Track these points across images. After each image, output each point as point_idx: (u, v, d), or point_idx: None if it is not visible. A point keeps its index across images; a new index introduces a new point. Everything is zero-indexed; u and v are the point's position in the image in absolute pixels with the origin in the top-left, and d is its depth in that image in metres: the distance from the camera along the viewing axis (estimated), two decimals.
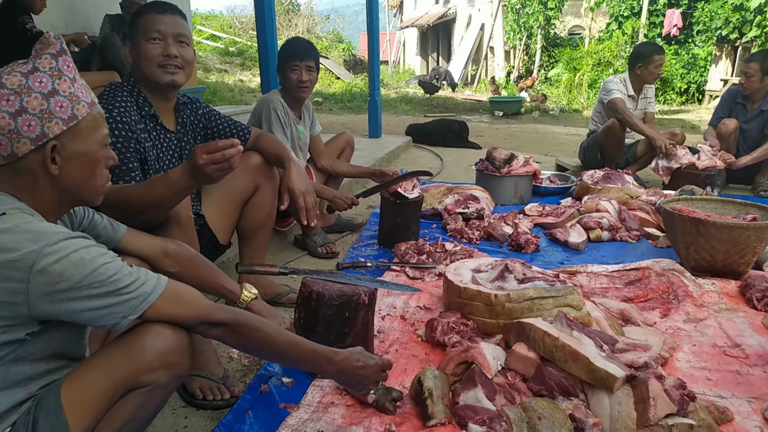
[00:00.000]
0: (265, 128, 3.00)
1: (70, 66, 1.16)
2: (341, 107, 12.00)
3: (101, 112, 1.22)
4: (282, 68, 3.10)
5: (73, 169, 1.17)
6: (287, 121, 3.10)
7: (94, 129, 1.19)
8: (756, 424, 1.69)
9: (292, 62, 3.05)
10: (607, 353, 1.70)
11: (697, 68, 14.07)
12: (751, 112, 4.55)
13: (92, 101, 1.19)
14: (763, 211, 2.95)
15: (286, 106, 3.12)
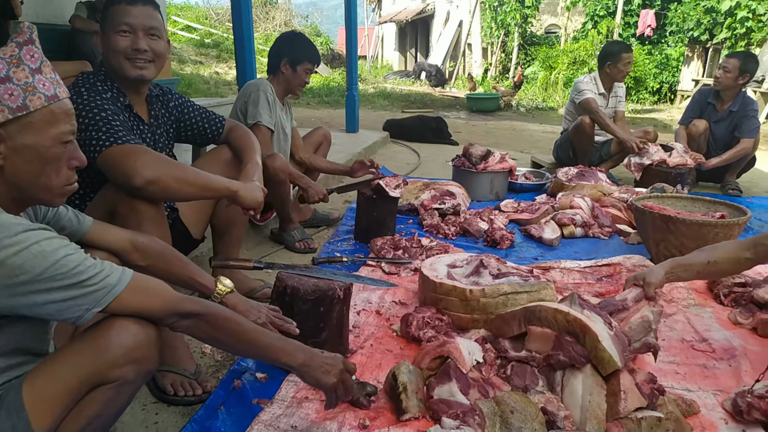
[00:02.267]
0: (251, 111, 2.94)
1: (35, 57, 1.12)
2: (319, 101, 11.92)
3: (65, 110, 1.15)
4: (293, 63, 3.07)
5: (22, 164, 1.11)
6: (274, 106, 3.07)
7: (50, 124, 1.12)
8: (720, 416, 1.74)
9: (309, 64, 3.10)
10: (615, 332, 1.71)
11: (670, 68, 14.32)
12: (721, 113, 4.65)
13: (54, 95, 1.12)
14: (731, 209, 3.02)
15: (275, 94, 3.10)
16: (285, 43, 3.14)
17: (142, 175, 1.61)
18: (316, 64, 3.13)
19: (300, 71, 3.09)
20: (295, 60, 3.07)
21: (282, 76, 3.12)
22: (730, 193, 4.60)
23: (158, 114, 2.03)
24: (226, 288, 1.64)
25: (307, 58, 3.08)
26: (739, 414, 1.71)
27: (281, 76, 3.12)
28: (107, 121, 1.68)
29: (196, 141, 2.24)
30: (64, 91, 1.16)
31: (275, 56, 3.13)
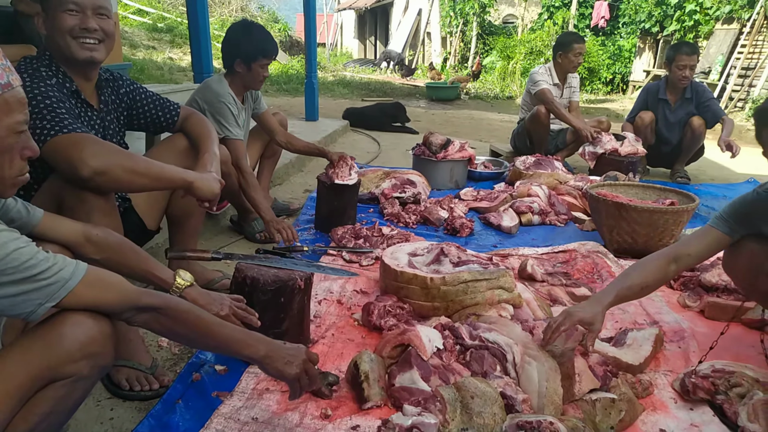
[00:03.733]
0: (217, 126, 2.83)
1: None
2: (277, 89, 11.75)
3: (19, 98, 1.10)
4: (248, 60, 2.92)
5: None
6: (237, 112, 2.98)
7: (4, 113, 1.07)
8: (670, 396, 1.81)
9: (265, 60, 2.95)
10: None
11: (622, 59, 14.70)
12: (676, 104, 4.79)
13: (7, 83, 1.07)
14: (680, 196, 3.14)
15: (234, 95, 2.99)
16: (235, 40, 2.94)
17: (89, 166, 1.54)
18: (272, 56, 2.99)
19: (255, 68, 2.94)
20: (248, 58, 2.91)
21: (238, 76, 2.99)
22: (679, 181, 4.77)
23: (108, 100, 1.95)
24: (185, 282, 1.58)
25: (262, 54, 2.92)
26: (686, 393, 1.78)
27: (237, 75, 2.99)
28: (52, 108, 1.61)
29: (149, 129, 2.17)
30: (16, 79, 1.10)
31: (227, 56, 2.97)
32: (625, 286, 1.86)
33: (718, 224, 1.90)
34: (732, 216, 1.88)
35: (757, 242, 1.85)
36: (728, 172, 5.61)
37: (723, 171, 5.64)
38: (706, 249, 1.91)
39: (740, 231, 1.87)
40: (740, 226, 1.86)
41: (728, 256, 1.94)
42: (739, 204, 1.88)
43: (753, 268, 1.86)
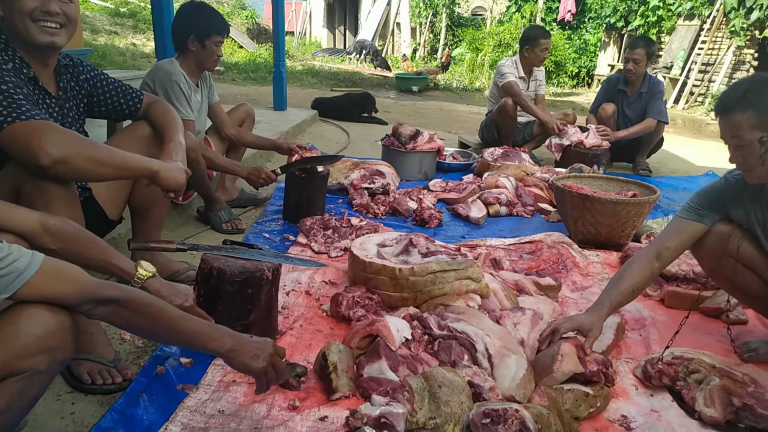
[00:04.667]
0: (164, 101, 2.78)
1: None
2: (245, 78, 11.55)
3: None
4: (201, 38, 2.88)
5: None
6: (189, 92, 2.92)
7: None
8: (632, 383, 1.86)
9: (218, 37, 2.92)
10: None
11: (588, 53, 14.94)
12: (632, 97, 4.90)
13: None
14: (642, 188, 3.21)
15: (186, 75, 2.94)
16: (187, 18, 2.92)
17: (48, 155, 1.48)
18: (225, 34, 2.97)
19: (209, 45, 2.90)
20: (201, 35, 2.87)
21: (191, 54, 2.94)
22: (641, 173, 4.88)
23: (67, 87, 1.88)
24: (147, 272, 1.53)
25: (215, 30, 2.89)
26: (648, 380, 1.84)
27: (190, 54, 2.94)
28: (9, 94, 1.54)
29: (110, 117, 2.10)
30: None
31: (180, 34, 2.93)
32: (616, 293, 1.93)
33: (690, 215, 1.96)
34: (703, 204, 1.95)
35: (723, 225, 1.92)
36: (689, 165, 5.79)
37: (684, 164, 5.81)
38: (683, 241, 1.97)
39: (712, 217, 1.93)
40: (712, 213, 1.93)
41: (696, 241, 1.99)
42: (709, 191, 1.96)
43: (718, 251, 1.93)
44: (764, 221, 1.84)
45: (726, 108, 1.70)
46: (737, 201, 1.88)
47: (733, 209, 1.90)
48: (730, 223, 1.92)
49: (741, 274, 1.92)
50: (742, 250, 1.86)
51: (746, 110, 1.64)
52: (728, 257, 1.91)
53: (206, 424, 1.50)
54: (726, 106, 1.70)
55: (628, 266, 2.01)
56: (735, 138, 1.69)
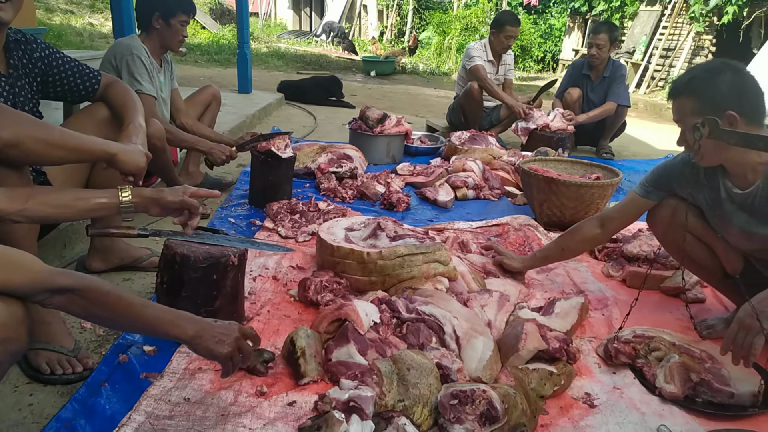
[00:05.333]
0: (126, 78, 2.69)
1: None
2: (208, 59, 11.28)
3: None
4: (166, 16, 2.81)
5: None
6: (152, 69, 2.83)
7: None
8: (595, 361, 1.90)
9: (185, 16, 2.86)
10: None
11: (553, 38, 15.08)
12: (596, 81, 4.97)
13: None
14: (605, 171, 3.27)
15: (150, 54, 2.84)
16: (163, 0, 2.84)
17: None
18: (191, 14, 2.91)
19: (175, 24, 2.84)
20: (167, 12, 2.80)
21: (155, 33, 2.86)
22: (604, 157, 4.97)
23: (18, 64, 1.79)
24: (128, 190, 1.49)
25: (181, 9, 2.83)
26: (609, 358, 1.88)
27: (154, 32, 2.86)
28: None
29: (66, 98, 2.01)
30: None
31: (145, 10, 2.85)
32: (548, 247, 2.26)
33: (638, 190, 2.10)
34: (651, 182, 2.06)
35: (674, 198, 2.01)
36: (649, 148, 5.92)
37: (645, 147, 5.94)
38: (627, 213, 2.15)
39: (658, 194, 2.04)
40: (658, 190, 2.04)
41: (650, 212, 2.10)
42: (659, 170, 2.06)
43: (669, 221, 2.03)
44: (707, 201, 1.92)
45: (674, 92, 1.77)
46: (684, 181, 1.96)
47: (679, 189, 1.99)
48: (679, 198, 2.01)
49: (691, 244, 2.02)
50: (691, 222, 1.96)
51: (690, 96, 1.71)
52: (679, 228, 1.99)
53: (171, 412, 1.47)
54: (674, 90, 1.78)
55: (575, 227, 2.25)
56: (680, 122, 1.76)
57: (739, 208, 1.81)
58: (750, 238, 1.83)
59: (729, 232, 1.89)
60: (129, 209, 1.48)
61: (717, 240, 1.98)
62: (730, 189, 1.82)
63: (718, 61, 1.75)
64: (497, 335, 1.90)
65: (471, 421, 1.43)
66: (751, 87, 1.69)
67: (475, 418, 1.43)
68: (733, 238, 1.90)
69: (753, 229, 1.79)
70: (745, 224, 1.81)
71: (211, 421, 1.45)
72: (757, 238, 1.81)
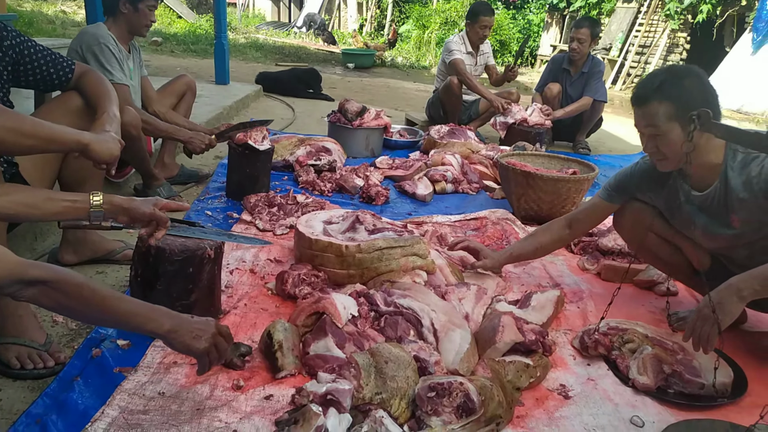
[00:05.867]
0: (95, 67, 2.63)
1: None
2: (184, 49, 11.09)
3: None
4: (134, 1, 2.76)
5: None
6: (121, 57, 2.77)
7: None
8: (570, 353, 1.93)
9: (152, 0, 2.80)
10: None
11: (531, 33, 15.20)
12: (575, 76, 5.02)
13: None
14: (582, 166, 3.31)
15: (116, 39, 2.78)
16: None
17: None
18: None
19: (143, 9, 2.78)
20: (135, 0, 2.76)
21: (123, 17, 2.80)
22: (580, 152, 5.03)
23: None
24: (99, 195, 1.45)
25: None
26: (584, 350, 1.91)
27: (121, 17, 2.80)
28: None
29: (38, 87, 1.96)
30: None
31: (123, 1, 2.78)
32: (520, 246, 2.28)
33: (602, 194, 2.13)
34: (613, 186, 2.10)
35: (639, 202, 2.06)
36: (625, 144, 6.00)
37: (620, 143, 6.02)
38: (593, 216, 2.20)
39: (619, 198, 2.09)
40: (618, 194, 2.09)
41: (616, 215, 2.16)
42: (621, 174, 2.10)
43: (634, 223, 2.08)
44: (667, 205, 1.96)
45: (642, 98, 1.75)
46: (644, 186, 2.00)
47: (639, 194, 2.04)
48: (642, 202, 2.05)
49: (657, 245, 2.07)
50: (655, 224, 1.99)
51: (662, 101, 1.71)
52: (643, 230, 2.03)
53: (146, 407, 1.45)
54: (642, 96, 1.75)
55: (544, 227, 2.30)
56: (650, 127, 1.75)
57: (699, 210, 1.85)
58: (713, 238, 1.88)
59: (693, 233, 1.93)
60: (98, 215, 1.45)
61: (683, 239, 2.02)
62: (689, 192, 1.86)
63: (678, 65, 1.78)
64: (475, 328, 1.91)
65: (448, 413, 1.44)
66: (712, 89, 1.73)
67: (452, 410, 1.44)
68: (698, 238, 1.95)
69: (714, 230, 1.84)
70: (706, 225, 1.85)
71: (186, 416, 1.43)
72: (719, 238, 1.85)
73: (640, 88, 1.78)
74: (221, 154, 3.97)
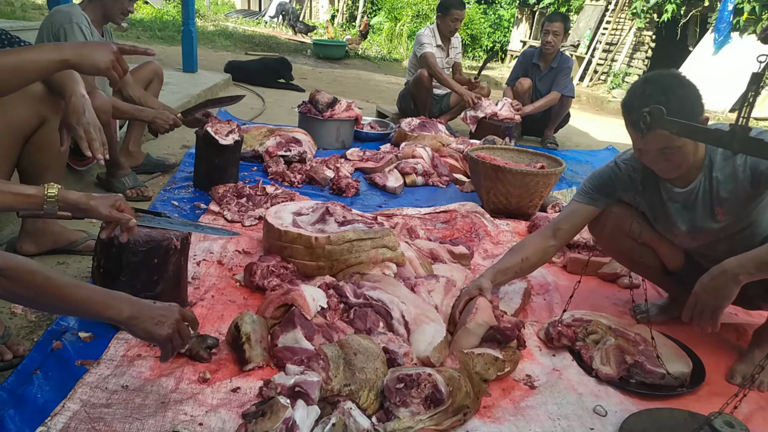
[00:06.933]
0: None
1: None
2: (151, 36, 10.83)
3: None
4: None
5: None
6: (92, 39, 2.68)
7: None
8: (536, 344, 1.96)
9: None
10: None
11: (502, 29, 15.31)
12: (544, 71, 5.08)
13: None
14: (549, 160, 3.36)
15: (90, 23, 2.69)
16: None
17: None
18: None
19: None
20: None
21: (99, 2, 2.73)
22: (548, 146, 5.10)
23: None
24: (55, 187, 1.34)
25: None
26: (550, 341, 1.94)
27: (98, 2, 2.73)
28: None
29: None
30: None
31: None
32: (505, 260, 2.07)
33: (583, 198, 2.05)
34: (594, 189, 2.02)
35: (618, 207, 2.02)
36: (591, 139, 6.12)
37: (586, 138, 6.13)
38: (576, 222, 2.07)
39: (603, 201, 2.02)
40: (603, 197, 2.01)
41: (593, 221, 2.08)
42: (601, 176, 2.02)
43: (613, 229, 2.03)
44: (649, 205, 1.95)
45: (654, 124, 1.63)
46: (627, 187, 1.95)
47: (623, 194, 1.99)
48: (624, 204, 2.01)
49: (637, 251, 2.02)
50: (636, 230, 1.91)
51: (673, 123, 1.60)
52: (624, 237, 2.00)
53: (108, 400, 1.42)
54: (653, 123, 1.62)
55: (527, 239, 2.15)
56: (666, 148, 1.69)
57: (682, 208, 1.85)
58: (695, 236, 1.88)
59: (674, 234, 1.94)
60: (52, 209, 1.34)
61: (659, 241, 2.02)
62: (670, 189, 1.85)
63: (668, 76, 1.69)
64: (444, 319, 1.92)
65: (416, 404, 1.44)
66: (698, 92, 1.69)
67: (421, 401, 1.45)
68: (679, 239, 1.95)
69: (698, 224, 1.84)
70: (689, 222, 1.86)
71: (150, 409, 1.41)
72: (702, 234, 1.85)
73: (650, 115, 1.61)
74: (188, 143, 3.89)
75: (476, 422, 1.52)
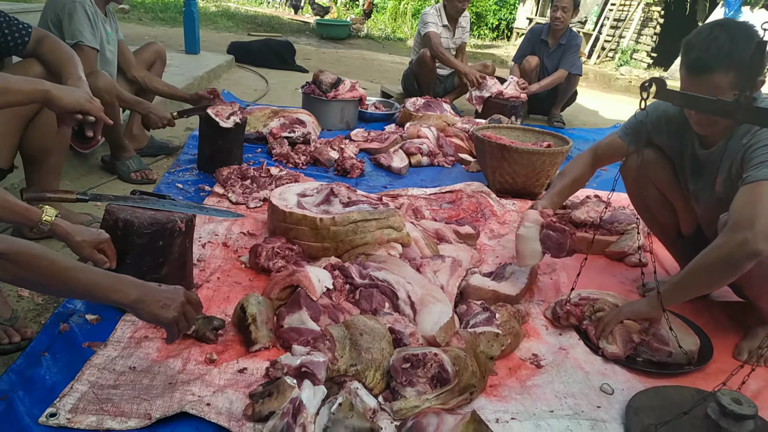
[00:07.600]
0: (68, 28, 2.50)
1: None
2: (153, 17, 10.74)
3: None
4: None
5: None
6: (95, 19, 2.65)
7: None
8: (542, 323, 1.96)
9: None
10: None
11: (508, 6, 15.09)
12: (552, 48, 5.01)
13: None
14: (556, 139, 3.32)
15: (93, 2, 2.66)
16: None
17: None
18: None
19: None
20: None
21: None
22: (555, 125, 5.05)
23: None
24: (52, 213, 1.43)
25: None
26: (557, 320, 1.94)
27: None
28: None
29: None
30: None
31: None
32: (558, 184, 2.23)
33: (620, 133, 2.10)
34: (631, 125, 2.06)
35: (652, 152, 2.01)
36: (598, 117, 6.05)
37: (594, 116, 6.07)
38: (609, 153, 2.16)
39: (632, 138, 2.03)
40: (634, 134, 2.03)
41: (625, 161, 2.05)
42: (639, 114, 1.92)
43: (640, 174, 2.04)
44: (675, 154, 1.96)
45: (706, 67, 1.58)
46: (662, 129, 1.96)
47: (656, 136, 2.00)
48: (658, 152, 2.01)
49: (655, 199, 2.07)
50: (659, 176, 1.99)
51: (729, 71, 1.56)
52: (648, 181, 2.02)
53: (116, 381, 1.43)
54: (706, 65, 1.58)
55: (570, 165, 2.26)
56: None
57: (698, 168, 1.86)
58: (697, 201, 1.91)
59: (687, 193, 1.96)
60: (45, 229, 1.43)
61: (679, 197, 2.04)
62: (696, 148, 1.85)
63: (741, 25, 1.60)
64: (449, 299, 1.91)
65: (422, 383, 1.45)
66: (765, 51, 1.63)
67: (427, 380, 1.45)
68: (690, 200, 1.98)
69: (700, 189, 1.85)
70: (696, 184, 1.88)
71: (158, 390, 1.41)
72: (703, 201, 1.87)
73: (702, 54, 1.58)
74: (192, 126, 3.88)
75: (483, 401, 1.52)
